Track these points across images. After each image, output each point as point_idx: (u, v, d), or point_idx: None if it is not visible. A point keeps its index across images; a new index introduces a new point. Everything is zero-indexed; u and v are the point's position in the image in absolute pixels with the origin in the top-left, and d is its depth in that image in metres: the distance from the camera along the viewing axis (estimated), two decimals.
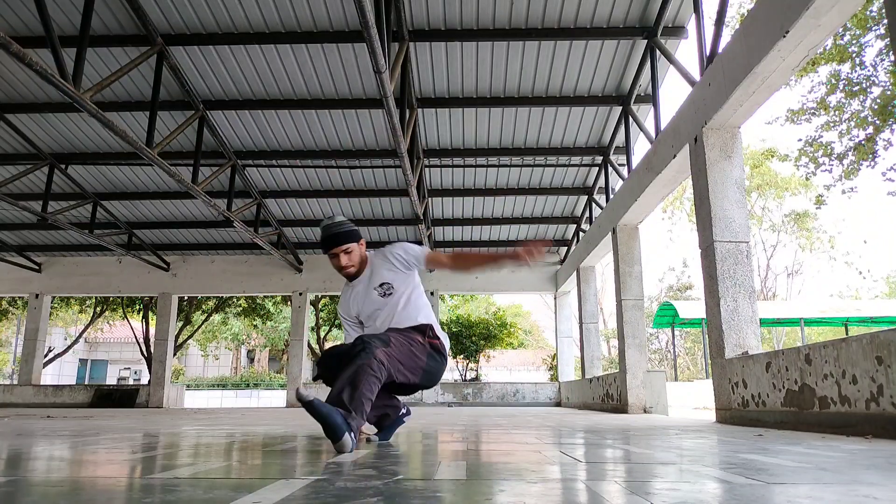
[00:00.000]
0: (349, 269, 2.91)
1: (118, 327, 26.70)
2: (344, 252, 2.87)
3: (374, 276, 2.95)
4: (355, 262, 2.92)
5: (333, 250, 2.87)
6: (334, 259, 2.90)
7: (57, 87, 5.36)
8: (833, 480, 1.52)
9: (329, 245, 2.88)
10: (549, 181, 10.74)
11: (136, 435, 3.51)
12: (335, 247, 2.86)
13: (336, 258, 2.89)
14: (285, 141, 9.26)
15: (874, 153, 11.52)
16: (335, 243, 2.86)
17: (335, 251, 2.87)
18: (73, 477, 1.68)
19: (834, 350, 3.42)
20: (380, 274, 2.95)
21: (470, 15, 6.73)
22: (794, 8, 3.91)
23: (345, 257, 2.88)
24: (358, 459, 2.07)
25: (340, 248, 2.86)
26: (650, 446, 2.60)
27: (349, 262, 2.89)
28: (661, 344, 33.37)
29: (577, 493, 1.38)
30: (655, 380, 7.88)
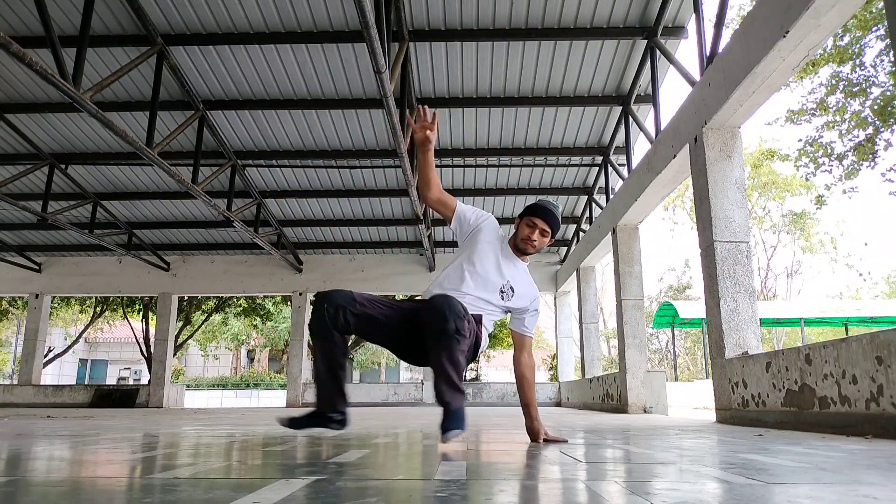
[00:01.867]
0: (531, 245, 2.79)
1: (118, 327, 26.70)
2: (542, 232, 2.79)
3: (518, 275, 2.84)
4: (538, 245, 2.81)
5: (537, 221, 2.78)
6: (530, 228, 2.79)
7: (57, 87, 5.36)
8: (833, 480, 1.52)
9: (539, 213, 2.78)
10: (549, 181, 10.74)
11: (136, 435, 3.51)
12: (542, 220, 2.78)
13: (533, 228, 2.78)
14: (285, 141, 9.26)
15: (874, 153, 11.53)
16: (546, 218, 2.78)
17: (538, 223, 2.78)
18: (73, 477, 1.68)
19: (834, 350, 3.42)
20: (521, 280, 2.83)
21: (470, 15, 6.73)
22: (794, 8, 3.91)
23: (539, 235, 2.79)
24: (358, 459, 2.07)
25: (545, 225, 2.78)
26: (650, 446, 2.60)
27: (538, 240, 2.79)
28: (661, 344, 33.37)
29: (577, 493, 1.38)
30: (655, 380, 7.88)
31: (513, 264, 2.84)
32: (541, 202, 2.84)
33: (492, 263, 2.78)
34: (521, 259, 2.88)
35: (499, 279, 2.77)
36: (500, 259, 2.80)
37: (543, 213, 2.79)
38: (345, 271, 13.73)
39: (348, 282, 13.70)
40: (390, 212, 11.79)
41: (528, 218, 2.81)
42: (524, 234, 2.80)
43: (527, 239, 2.79)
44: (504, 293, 2.77)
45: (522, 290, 2.83)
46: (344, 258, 13.79)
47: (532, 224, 2.79)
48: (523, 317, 2.87)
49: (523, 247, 2.81)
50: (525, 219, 2.82)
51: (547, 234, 2.81)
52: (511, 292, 2.79)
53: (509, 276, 2.80)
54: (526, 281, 2.87)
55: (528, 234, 2.79)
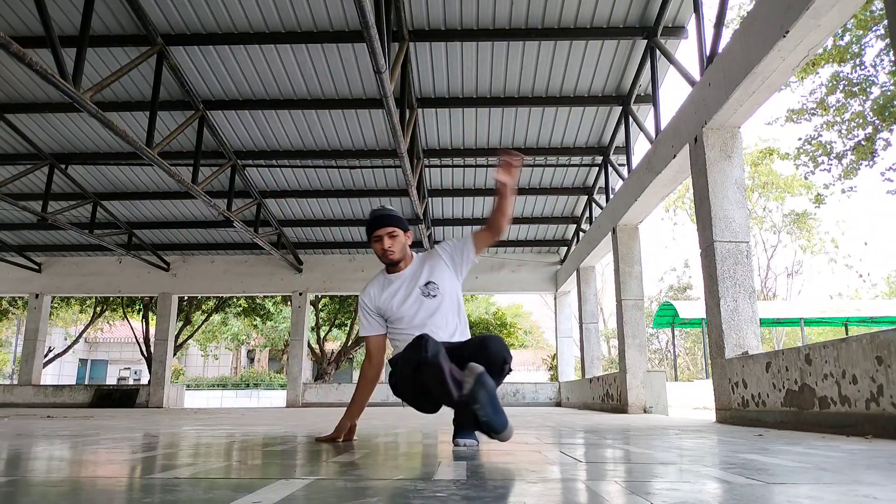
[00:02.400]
0: (391, 253, 2.77)
1: (118, 327, 26.69)
2: (389, 235, 2.76)
3: (420, 273, 2.81)
4: (397, 248, 2.78)
5: (378, 232, 2.77)
6: (378, 242, 2.78)
7: (57, 87, 5.36)
8: (833, 480, 1.52)
9: (375, 226, 2.77)
10: (549, 181, 10.74)
11: (136, 435, 3.51)
12: (380, 228, 2.76)
13: (380, 241, 2.77)
14: (285, 141, 9.26)
15: (874, 153, 11.53)
16: (380, 224, 2.76)
17: (379, 233, 2.76)
18: (73, 477, 1.68)
19: (834, 350, 3.42)
20: (425, 272, 2.81)
21: (470, 15, 6.73)
22: (794, 8, 3.91)
23: (388, 240, 2.76)
24: (358, 459, 2.07)
25: (386, 230, 2.76)
26: (650, 446, 2.60)
27: (392, 246, 2.76)
28: (661, 344, 33.36)
29: (577, 493, 1.38)
30: (655, 380, 7.88)
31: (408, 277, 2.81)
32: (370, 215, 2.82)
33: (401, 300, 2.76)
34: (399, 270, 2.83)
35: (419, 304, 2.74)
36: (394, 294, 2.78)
37: (377, 222, 2.76)
38: (345, 271, 13.73)
39: (348, 282, 13.71)
40: None
41: (371, 235, 2.79)
42: (378, 250, 2.79)
43: (383, 253, 2.78)
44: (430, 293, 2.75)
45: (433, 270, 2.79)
46: (344, 258, 13.79)
47: (377, 238, 2.77)
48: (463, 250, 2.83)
49: (388, 261, 2.80)
50: (370, 238, 2.81)
51: (395, 233, 2.77)
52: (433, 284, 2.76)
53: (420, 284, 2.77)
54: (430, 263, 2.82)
55: (381, 248, 2.77)
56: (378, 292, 2.84)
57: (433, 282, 2.78)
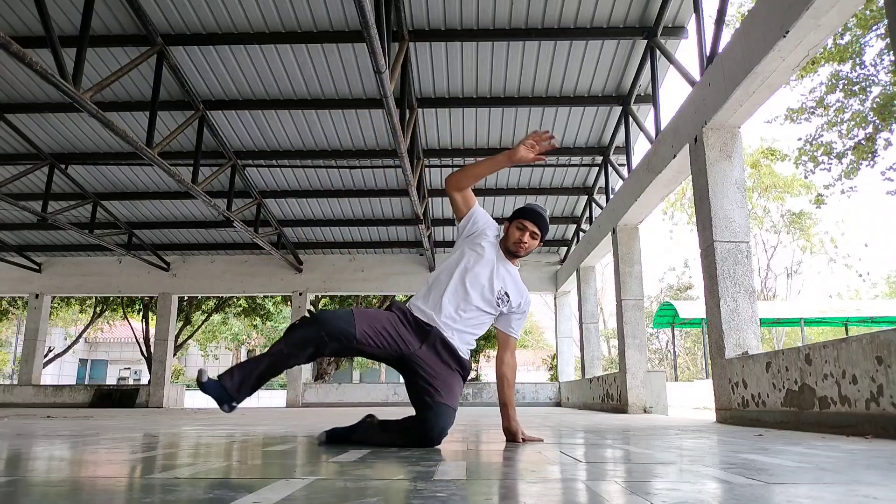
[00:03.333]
0: (523, 247, 2.80)
1: (118, 327, 26.69)
2: (532, 235, 2.80)
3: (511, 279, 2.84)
4: (530, 249, 2.84)
5: (528, 223, 2.79)
6: (520, 231, 2.80)
7: (57, 87, 5.36)
8: (833, 480, 1.52)
9: (526, 216, 2.80)
10: (549, 181, 10.74)
11: (136, 435, 3.51)
12: (534, 223, 2.79)
13: (523, 231, 2.79)
14: (285, 141, 9.26)
15: (874, 152, 11.53)
16: (537, 221, 2.80)
17: (529, 226, 2.79)
18: (73, 477, 1.68)
19: (834, 350, 3.42)
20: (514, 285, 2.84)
21: (470, 15, 6.73)
22: (794, 8, 3.91)
23: (529, 237, 2.80)
24: (358, 459, 2.07)
25: (535, 228, 2.80)
26: (650, 446, 2.60)
27: (528, 243, 2.81)
28: (661, 344, 33.37)
29: (577, 493, 1.38)
30: (655, 380, 7.88)
31: (506, 269, 2.84)
32: (530, 205, 2.86)
33: (489, 271, 2.79)
34: (513, 262, 2.89)
35: (495, 287, 2.78)
36: (496, 266, 2.81)
37: (534, 216, 2.80)
38: (345, 271, 13.73)
39: (348, 282, 13.71)
40: (390, 212, 11.79)
41: (519, 221, 2.82)
42: (515, 237, 2.81)
43: (518, 242, 2.80)
44: (500, 300, 2.79)
45: (515, 295, 2.84)
46: (344, 258, 13.79)
47: (522, 227, 2.80)
48: (511, 317, 2.87)
49: (515, 250, 2.82)
50: (515, 221, 2.83)
51: (537, 236, 2.82)
52: (506, 297, 2.79)
53: (504, 282, 2.80)
54: (518, 285, 2.88)
55: (519, 238, 2.80)
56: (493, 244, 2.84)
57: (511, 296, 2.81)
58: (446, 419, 2.54)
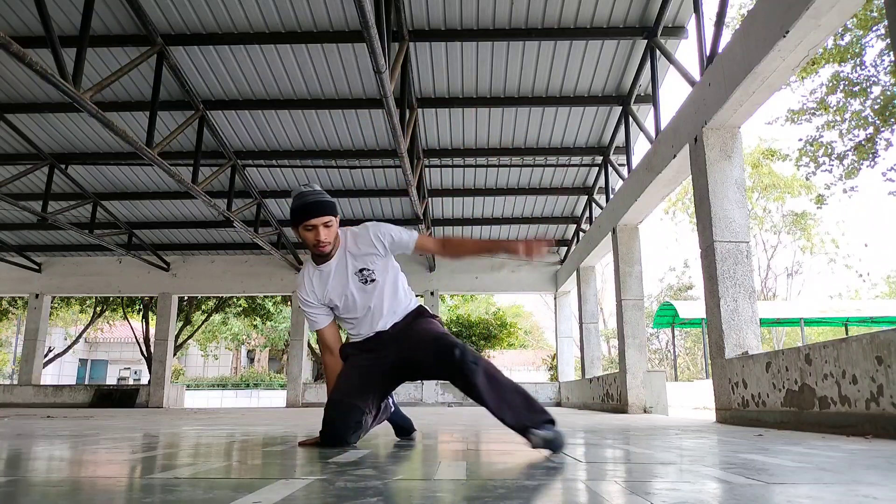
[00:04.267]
0: (325, 246, 2.50)
1: (118, 327, 26.68)
2: (324, 225, 2.47)
3: (351, 260, 2.60)
4: (332, 238, 2.52)
5: (311, 221, 2.45)
6: (310, 232, 2.47)
7: (57, 87, 5.36)
8: (833, 480, 1.52)
9: (306, 215, 2.45)
10: (549, 181, 10.74)
11: (136, 435, 3.51)
12: (314, 217, 2.45)
13: (314, 231, 2.47)
14: (285, 141, 9.26)
15: (874, 153, 11.53)
16: (314, 213, 2.45)
17: (313, 223, 2.45)
18: (73, 477, 1.68)
19: (834, 350, 3.42)
20: (357, 258, 2.60)
21: (470, 15, 6.73)
22: (794, 8, 3.91)
23: (324, 231, 2.47)
24: (358, 459, 2.07)
25: (320, 220, 2.45)
26: (650, 446, 2.60)
27: (327, 237, 2.49)
28: (661, 344, 33.35)
29: (577, 493, 1.38)
30: (655, 380, 7.88)
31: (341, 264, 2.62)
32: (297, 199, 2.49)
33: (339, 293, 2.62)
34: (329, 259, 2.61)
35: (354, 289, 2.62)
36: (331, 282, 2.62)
37: (310, 210, 2.46)
38: None
39: None
40: (390, 212, 11.79)
41: (302, 224, 2.48)
42: (310, 240, 2.50)
43: (315, 244, 2.50)
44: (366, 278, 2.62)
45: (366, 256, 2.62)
46: None
47: (310, 227, 2.47)
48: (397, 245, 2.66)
49: (319, 252, 2.54)
50: (299, 227, 2.49)
51: (330, 222, 2.49)
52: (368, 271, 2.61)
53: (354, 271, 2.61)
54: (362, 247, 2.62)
55: (314, 240, 2.49)
56: (318, 284, 2.64)
57: (367, 268, 2.61)
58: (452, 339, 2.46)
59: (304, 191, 2.51)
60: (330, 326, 2.75)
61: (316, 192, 2.51)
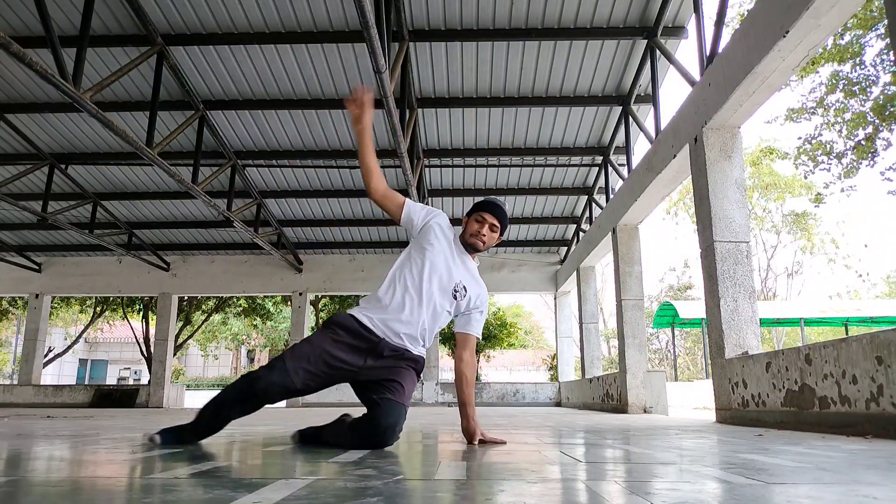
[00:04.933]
0: (482, 240, 2.74)
1: (118, 327, 26.71)
2: (492, 227, 2.75)
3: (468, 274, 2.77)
4: (488, 244, 2.77)
5: (486, 215, 2.74)
6: (479, 223, 2.74)
7: (57, 87, 5.36)
8: (833, 480, 1.52)
9: (488, 208, 2.75)
10: (549, 181, 10.74)
11: (136, 435, 3.51)
12: (493, 215, 2.74)
13: (482, 224, 2.74)
14: (285, 141, 9.26)
15: (874, 152, 11.52)
16: (495, 213, 2.74)
17: (487, 217, 2.74)
18: (73, 477, 1.68)
19: (834, 350, 3.42)
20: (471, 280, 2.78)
21: (470, 15, 6.73)
22: (794, 8, 3.91)
23: (488, 230, 2.74)
24: (358, 459, 2.07)
25: (494, 220, 2.74)
26: (650, 446, 2.60)
27: (487, 236, 2.75)
28: (661, 344, 33.36)
29: (577, 493, 1.38)
30: (655, 380, 7.88)
31: (463, 264, 2.78)
32: (489, 199, 2.82)
33: (443, 266, 2.71)
34: (472, 257, 2.84)
35: (450, 281, 2.70)
36: (450, 260, 2.73)
37: (492, 208, 2.76)
38: (345, 271, 13.73)
39: (348, 282, 13.71)
40: None
41: (478, 213, 2.77)
42: (473, 229, 2.76)
43: (476, 234, 2.75)
44: (457, 292, 2.72)
45: (472, 289, 2.77)
46: (344, 258, 13.79)
47: (481, 219, 2.75)
48: (470, 315, 2.79)
49: (473, 242, 2.75)
50: (475, 214, 2.78)
51: (496, 228, 2.76)
52: (464, 292, 2.73)
53: (460, 276, 2.74)
54: (476, 280, 2.82)
55: (477, 230, 2.75)
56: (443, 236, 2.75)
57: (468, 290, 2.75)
58: (396, 416, 2.45)
59: (496, 198, 2.84)
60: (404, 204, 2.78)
61: (504, 203, 2.82)
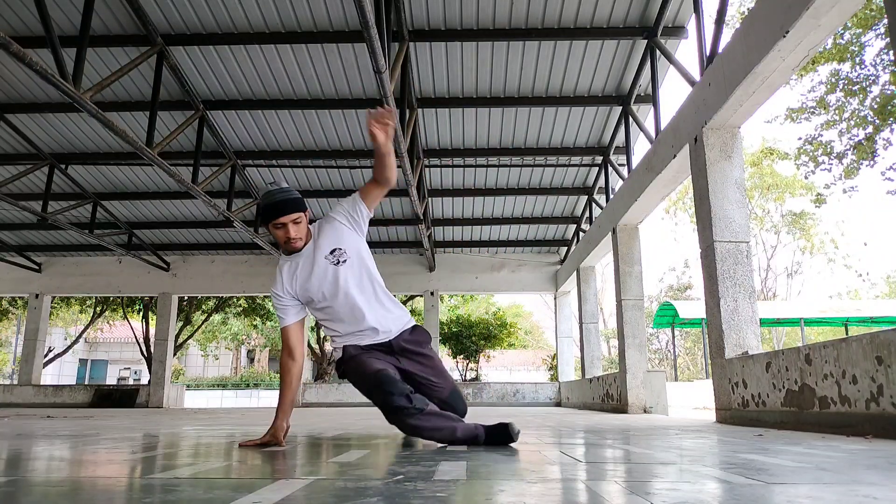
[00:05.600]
0: (296, 241, 2.60)
1: (118, 327, 26.68)
2: (293, 222, 2.56)
3: (321, 244, 2.65)
4: (303, 234, 2.62)
5: (280, 220, 2.54)
6: (281, 230, 2.56)
7: (57, 87, 5.36)
8: (833, 480, 1.52)
9: (275, 213, 2.53)
10: (549, 181, 10.74)
11: (136, 435, 3.51)
12: (283, 215, 2.53)
13: (283, 229, 2.56)
14: (285, 141, 9.26)
15: (874, 152, 11.52)
16: (283, 211, 2.53)
17: (282, 220, 2.54)
18: (73, 477, 1.68)
19: (834, 350, 3.42)
20: (327, 239, 2.65)
21: (470, 15, 6.73)
22: (794, 8, 3.91)
23: (293, 228, 2.56)
24: (358, 459, 2.07)
25: (290, 218, 2.54)
26: (650, 446, 2.60)
27: (297, 233, 2.58)
28: (661, 344, 33.36)
29: (577, 493, 1.38)
30: (655, 380, 7.88)
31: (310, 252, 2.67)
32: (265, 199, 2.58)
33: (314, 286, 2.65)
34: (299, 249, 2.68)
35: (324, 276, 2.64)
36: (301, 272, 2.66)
37: (278, 209, 2.54)
38: None
39: None
40: (390, 212, 11.79)
41: (272, 223, 2.58)
42: (281, 239, 2.61)
43: (287, 241, 2.60)
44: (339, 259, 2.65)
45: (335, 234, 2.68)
46: None
47: (280, 226, 2.57)
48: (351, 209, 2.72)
49: (290, 248, 2.64)
50: (269, 226, 2.60)
51: (299, 219, 2.59)
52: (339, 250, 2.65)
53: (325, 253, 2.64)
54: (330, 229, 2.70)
55: (285, 237, 2.59)
56: (288, 274, 2.68)
57: (339, 247, 2.65)
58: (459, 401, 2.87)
59: (272, 189, 2.58)
60: (297, 325, 2.74)
61: (283, 189, 2.58)
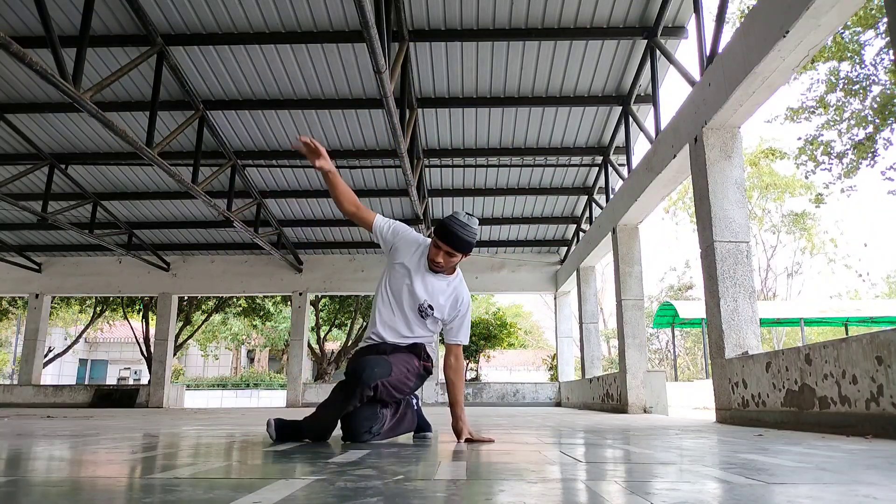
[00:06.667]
0: (438, 266, 2.85)
1: (118, 327, 26.68)
2: (447, 254, 2.81)
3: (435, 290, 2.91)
4: (447, 265, 2.87)
5: (447, 247, 2.78)
6: (437, 250, 2.81)
7: (57, 87, 5.36)
8: (833, 480, 1.52)
9: (449, 242, 2.78)
10: (549, 181, 10.74)
11: (136, 435, 3.51)
12: (451, 248, 2.78)
13: (439, 253, 2.80)
14: (285, 141, 9.26)
15: (874, 152, 11.52)
16: (453, 245, 2.78)
17: (444, 248, 2.79)
18: (73, 477, 1.68)
19: (834, 350, 3.42)
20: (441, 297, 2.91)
21: (470, 15, 6.73)
22: (794, 8, 3.91)
23: (447, 259, 2.81)
24: (358, 459, 2.07)
25: (450, 249, 2.78)
26: (650, 446, 2.60)
27: (447, 264, 2.84)
28: (661, 344, 33.35)
29: (577, 493, 1.38)
30: (655, 380, 7.88)
31: (426, 282, 2.91)
32: (450, 223, 2.80)
33: (406, 287, 2.90)
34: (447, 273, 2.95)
35: (414, 301, 2.89)
36: (413, 278, 2.89)
37: (448, 239, 2.78)
38: (345, 271, 13.73)
39: (348, 282, 13.71)
40: (390, 212, 11.79)
41: (434, 240, 2.84)
42: (431, 255, 2.85)
43: (433, 261, 2.85)
44: (423, 311, 2.88)
45: (444, 302, 2.90)
46: (344, 258, 13.79)
47: (437, 246, 2.82)
48: (451, 326, 2.96)
49: (433, 267, 2.88)
50: (433, 240, 2.85)
51: (454, 255, 2.82)
52: (429, 310, 2.88)
53: (424, 295, 2.88)
54: (446, 293, 2.92)
55: (433, 257, 2.84)
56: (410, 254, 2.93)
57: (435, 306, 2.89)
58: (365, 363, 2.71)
59: (463, 221, 2.81)
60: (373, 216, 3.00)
61: (469, 228, 2.80)
